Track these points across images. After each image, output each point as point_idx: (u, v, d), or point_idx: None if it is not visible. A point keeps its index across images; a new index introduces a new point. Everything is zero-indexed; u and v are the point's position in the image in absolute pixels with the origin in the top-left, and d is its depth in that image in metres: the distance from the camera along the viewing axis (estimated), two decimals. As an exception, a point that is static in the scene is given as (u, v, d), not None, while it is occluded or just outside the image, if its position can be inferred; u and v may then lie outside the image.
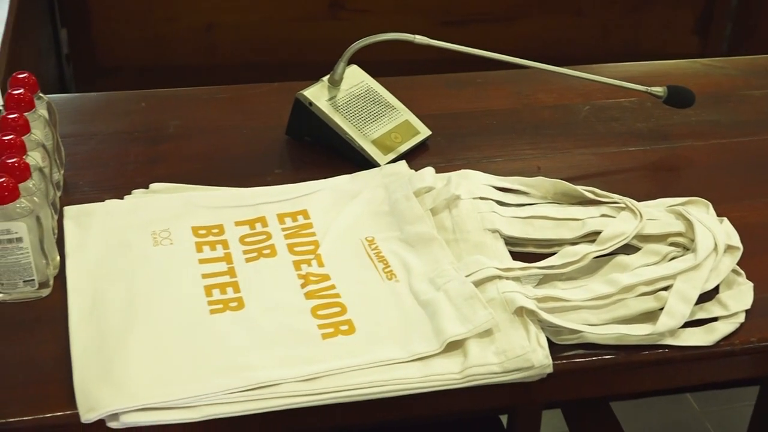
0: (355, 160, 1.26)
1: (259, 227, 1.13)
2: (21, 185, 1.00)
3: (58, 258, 1.07)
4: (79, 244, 1.09)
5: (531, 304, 1.00)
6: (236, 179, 1.22)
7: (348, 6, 2.39)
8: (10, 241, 1.00)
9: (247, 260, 1.09)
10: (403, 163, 1.24)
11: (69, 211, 1.13)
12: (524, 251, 1.12)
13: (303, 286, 1.05)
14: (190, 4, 2.32)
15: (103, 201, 1.17)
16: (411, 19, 2.43)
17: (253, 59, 2.37)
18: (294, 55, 2.37)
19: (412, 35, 1.27)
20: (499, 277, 1.03)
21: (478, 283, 1.03)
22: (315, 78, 1.32)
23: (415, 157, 1.28)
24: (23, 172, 1.02)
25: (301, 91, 1.28)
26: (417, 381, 0.94)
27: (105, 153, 1.28)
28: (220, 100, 1.41)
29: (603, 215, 1.15)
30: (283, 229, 1.13)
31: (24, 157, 1.04)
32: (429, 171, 1.19)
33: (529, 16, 2.51)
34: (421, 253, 1.09)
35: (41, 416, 0.91)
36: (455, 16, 2.42)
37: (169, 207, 1.15)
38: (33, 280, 1.03)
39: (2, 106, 1.33)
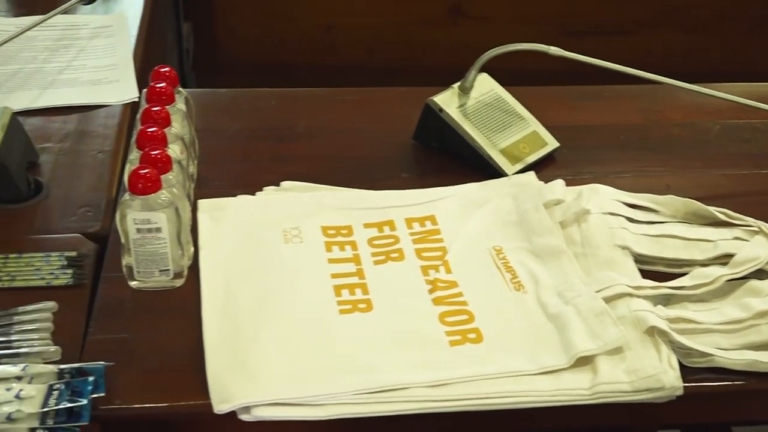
0: (482, 169, 1.25)
1: (387, 230, 1.14)
2: (162, 177, 1.02)
3: (192, 249, 1.09)
4: (212, 236, 1.11)
5: (663, 325, 0.98)
6: (364, 181, 1.23)
7: (467, 12, 2.39)
8: (149, 230, 1.02)
9: (375, 263, 1.09)
10: (531, 173, 1.23)
11: (203, 204, 1.15)
12: (653, 270, 1.11)
13: (431, 291, 1.05)
14: (311, 5, 2.34)
15: (234, 195, 1.19)
16: (530, 28, 2.41)
17: (371, 61, 2.38)
18: (411, 59, 2.38)
19: (546, 46, 1.26)
20: (630, 295, 1.02)
21: (608, 300, 1.02)
22: (432, 83, 1.32)
23: (542, 168, 1.27)
24: (165, 164, 1.04)
25: (431, 97, 1.29)
26: (546, 394, 0.93)
27: (236, 149, 1.30)
28: (348, 102, 1.42)
29: (736, 238, 1.13)
30: (411, 234, 1.13)
31: (165, 149, 1.06)
32: (559, 183, 1.18)
33: (645, 30, 2.48)
34: (550, 265, 1.08)
35: (175, 404, 0.94)
36: (573, 27, 2.40)
37: (299, 205, 1.16)
38: (168, 269, 1.05)
39: (138, 98, 1.37)
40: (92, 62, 1.46)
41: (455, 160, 1.28)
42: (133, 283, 1.06)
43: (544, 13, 2.43)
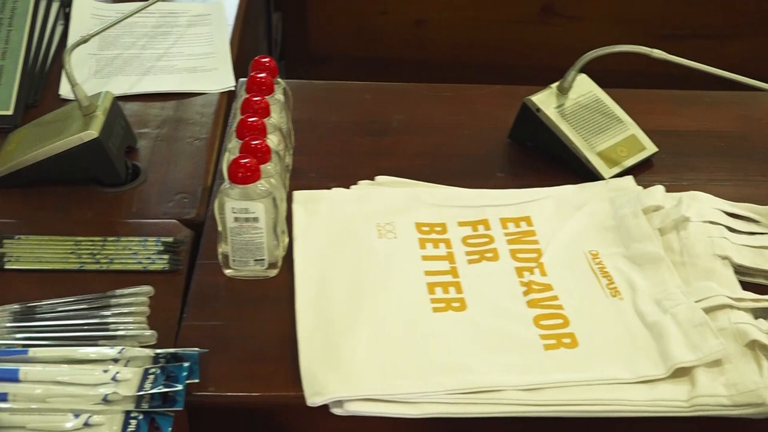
0: (578, 171, 1.24)
1: (481, 229, 1.13)
2: (261, 167, 1.03)
3: (287, 240, 1.09)
4: (306, 228, 1.11)
5: (765, 339, 0.96)
6: (458, 179, 1.22)
7: (560, 12, 2.36)
8: (247, 220, 1.02)
9: (469, 262, 1.08)
10: (630, 178, 1.21)
11: (298, 195, 1.15)
12: (753, 282, 1.08)
13: (525, 293, 1.04)
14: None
15: (328, 188, 1.19)
16: (622, 29, 2.38)
17: (461, 57, 2.36)
18: (502, 56, 2.36)
19: (649, 48, 1.23)
20: (731, 307, 1.00)
21: (707, 311, 0.99)
22: (521, 82, 1.31)
23: (639, 173, 1.25)
24: (265, 154, 1.04)
25: (529, 97, 1.27)
26: (643, 404, 0.92)
27: (331, 141, 1.30)
28: (443, 98, 1.41)
29: (841, 252, 1.10)
30: (506, 234, 1.12)
31: (265, 139, 1.06)
32: (659, 189, 1.16)
33: (744, 34, 2.43)
34: (648, 272, 1.06)
35: (268, 394, 0.94)
36: (669, 30, 2.36)
37: (394, 201, 1.16)
38: (263, 259, 1.05)
39: (234, 87, 1.37)
40: (190, 50, 1.47)
41: (551, 160, 1.27)
42: (227, 272, 1.06)
43: (638, 14, 2.39)
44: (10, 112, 1.29)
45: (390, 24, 2.36)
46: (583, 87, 1.31)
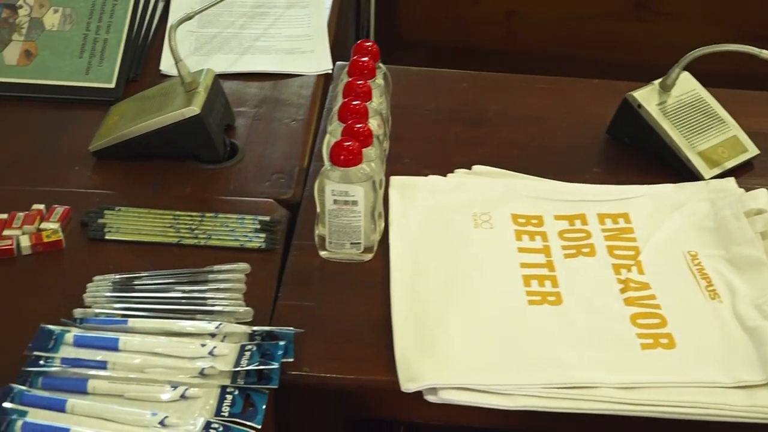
0: (678, 170, 1.22)
1: (578, 224, 1.12)
2: (363, 150, 1.03)
3: (383, 225, 1.09)
4: (402, 214, 1.11)
5: None
6: (554, 172, 1.21)
7: (654, 8, 2.32)
8: (346, 203, 1.03)
9: (566, 256, 1.07)
10: (731, 179, 1.19)
11: (395, 181, 1.15)
12: None
13: (622, 291, 1.02)
14: (495, -11, 2.33)
15: (423, 175, 1.18)
16: (715, 28, 2.33)
17: (550, 50, 2.34)
18: (592, 51, 2.32)
19: (758, 49, 1.21)
20: (835, 316, 0.98)
21: (811, 318, 0.97)
22: (613, 77, 1.29)
23: (739, 175, 1.22)
24: (366, 137, 1.04)
25: (630, 92, 1.25)
26: (741, 410, 0.90)
27: (427, 128, 1.30)
28: (540, 90, 1.40)
29: None
30: (603, 230, 1.11)
31: (367, 123, 1.06)
32: (763, 192, 1.14)
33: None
34: (748, 276, 1.04)
35: (361, 377, 0.94)
36: (764, 31, 2.31)
37: (490, 191, 1.15)
38: (360, 243, 1.05)
39: (331, 70, 1.38)
40: (287, 31, 1.48)
41: (649, 158, 1.25)
42: (323, 253, 1.07)
43: (733, 13, 2.35)
44: (112, 86, 1.30)
45: (481, 14, 2.34)
46: (686, 85, 1.29)
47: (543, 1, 2.32)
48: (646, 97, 1.25)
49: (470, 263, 1.05)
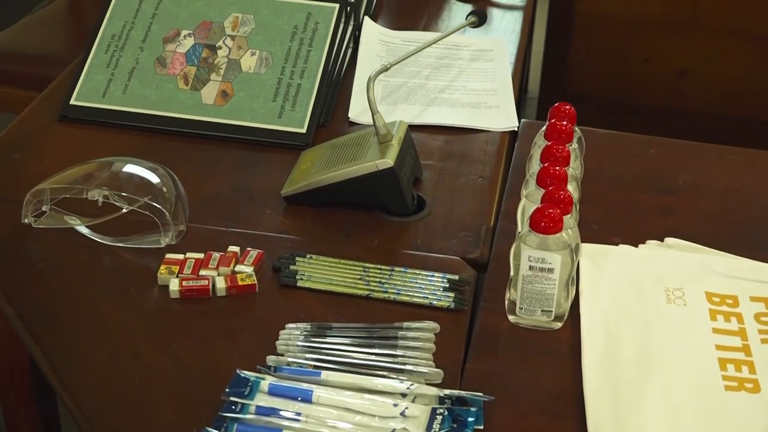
0: None
1: (776, 308, 1.08)
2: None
3: (574, 293, 1.08)
4: (593, 283, 1.09)
5: None
6: (750, 248, 1.17)
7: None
8: (542, 270, 1.01)
9: (763, 341, 1.04)
10: None
11: (586, 248, 1.13)
12: None
13: (826, 383, 0.98)
14: (668, 48, 2.28)
15: (612, 242, 1.16)
16: None
17: (723, 112, 2.29)
18: (766, 113, 2.27)
19: None
20: None
21: None
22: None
23: None
24: (567, 205, 1.03)
25: (832, 172, 1.21)
26: None
27: (615, 193, 1.28)
28: (730, 161, 1.36)
29: None
30: (804, 316, 1.07)
31: (567, 190, 1.05)
32: None
33: None
34: None
35: (554, 452, 0.92)
36: None
37: (683, 266, 1.12)
38: (551, 311, 1.04)
39: (517, 128, 1.37)
40: (473, 84, 1.48)
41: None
42: (512, 318, 1.06)
43: None
44: (303, 131, 1.33)
45: (652, 71, 2.31)
46: None
47: (718, 60, 2.27)
48: None
49: (664, 340, 1.02)
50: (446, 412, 0.92)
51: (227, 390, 0.94)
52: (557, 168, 1.06)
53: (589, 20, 2.29)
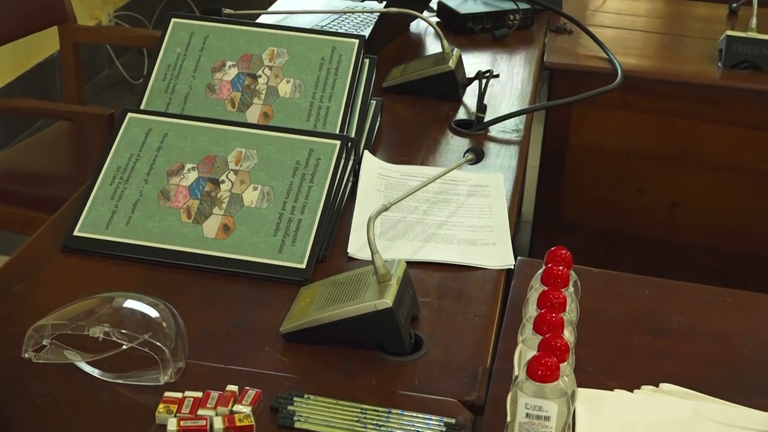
0: None
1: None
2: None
3: (571, 440, 1.08)
4: (589, 429, 1.10)
5: None
6: (743, 394, 1.18)
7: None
8: (538, 417, 1.02)
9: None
10: None
11: (581, 393, 1.14)
12: None
13: None
14: (660, 180, 2.33)
15: (607, 385, 1.18)
16: None
17: (714, 244, 2.32)
18: (757, 247, 2.30)
19: None
20: None
21: None
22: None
23: None
24: (563, 353, 1.04)
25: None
26: None
27: (609, 335, 1.29)
28: (723, 303, 1.38)
29: None
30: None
31: (563, 337, 1.06)
32: None
33: None
34: None
35: None
36: None
37: (680, 413, 1.13)
38: (548, 458, 1.04)
39: (513, 266, 1.39)
40: (469, 221, 1.51)
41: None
42: (509, 464, 1.06)
43: None
44: (303, 266, 1.34)
45: (644, 203, 2.35)
46: None
47: (710, 194, 2.32)
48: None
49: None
50: None
51: None
52: (554, 315, 1.08)
53: (583, 152, 2.34)
